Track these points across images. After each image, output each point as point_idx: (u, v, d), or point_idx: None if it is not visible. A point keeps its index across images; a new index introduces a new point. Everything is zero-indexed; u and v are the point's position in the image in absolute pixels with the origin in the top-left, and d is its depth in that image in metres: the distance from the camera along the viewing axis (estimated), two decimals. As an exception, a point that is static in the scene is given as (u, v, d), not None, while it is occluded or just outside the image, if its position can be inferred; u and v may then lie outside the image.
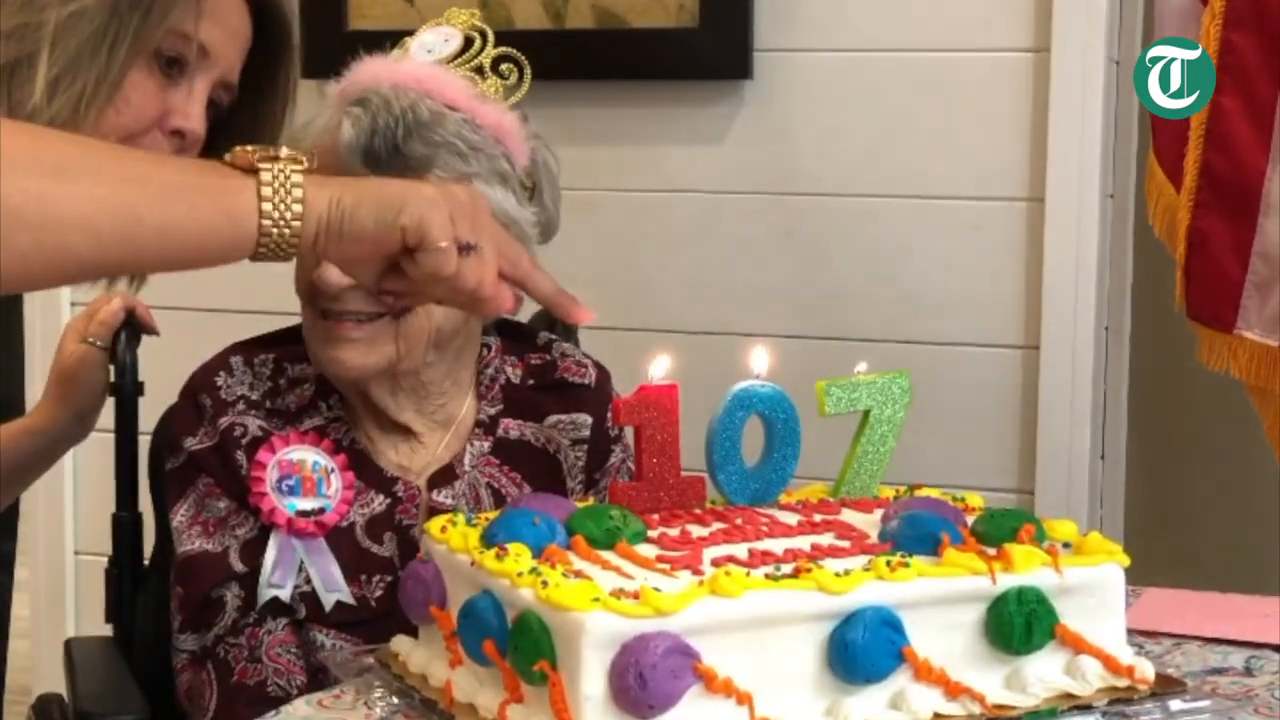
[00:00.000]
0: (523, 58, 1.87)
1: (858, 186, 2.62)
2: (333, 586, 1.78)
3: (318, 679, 1.73)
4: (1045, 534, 1.45)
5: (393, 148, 1.76)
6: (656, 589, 1.28)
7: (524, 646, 1.28)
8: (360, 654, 1.54)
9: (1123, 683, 1.41)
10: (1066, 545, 1.45)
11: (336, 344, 1.79)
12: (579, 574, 1.32)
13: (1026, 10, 2.54)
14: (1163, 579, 2.86)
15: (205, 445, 1.84)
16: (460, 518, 1.48)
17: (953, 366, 2.62)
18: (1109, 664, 1.40)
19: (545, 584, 1.28)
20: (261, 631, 1.76)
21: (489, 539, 1.40)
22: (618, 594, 1.27)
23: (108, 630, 2.09)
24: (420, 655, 1.45)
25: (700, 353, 2.61)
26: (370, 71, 1.83)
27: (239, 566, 1.78)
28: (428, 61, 1.86)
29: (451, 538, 1.44)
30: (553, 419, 1.92)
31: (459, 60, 1.87)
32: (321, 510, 1.80)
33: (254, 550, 1.79)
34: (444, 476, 1.86)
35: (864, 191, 2.62)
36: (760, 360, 1.61)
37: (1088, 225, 2.55)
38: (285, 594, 1.77)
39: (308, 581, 1.78)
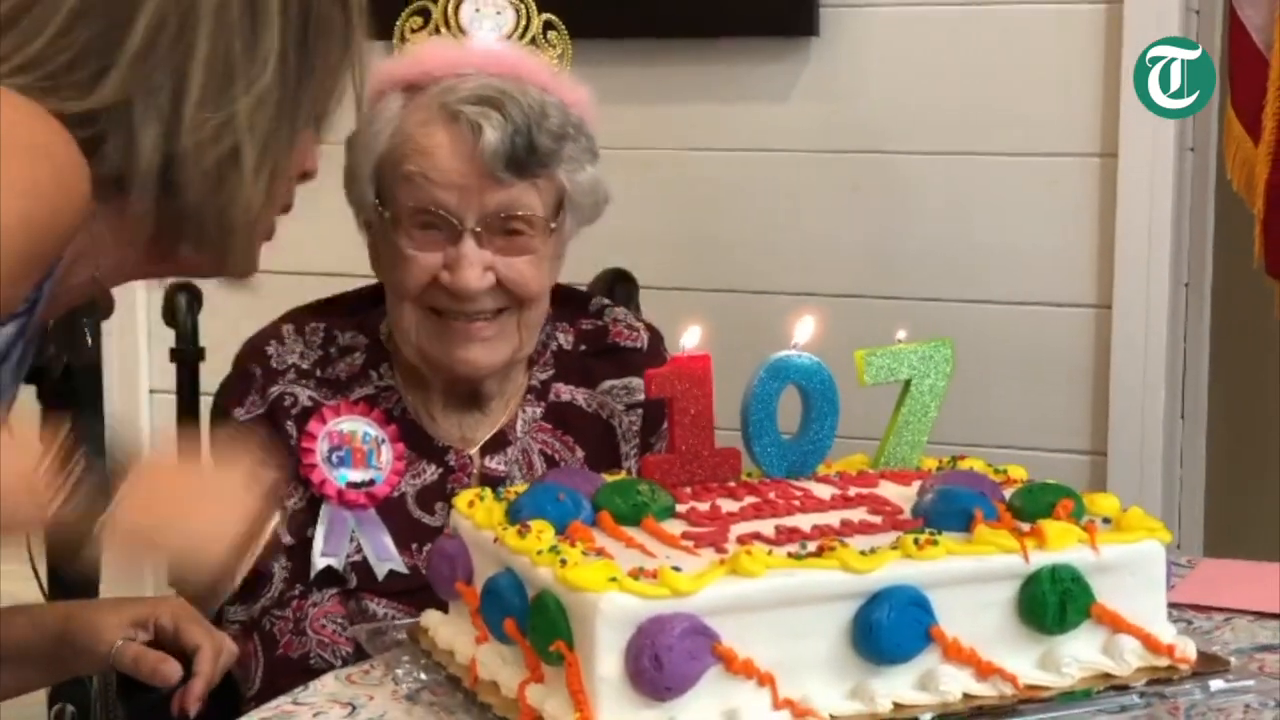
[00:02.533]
0: (560, 22, 1.84)
1: (926, 143, 2.57)
2: (385, 556, 1.78)
3: (364, 651, 1.72)
4: (1084, 509, 1.42)
5: (529, 147, 1.74)
6: (676, 568, 1.26)
7: (541, 627, 1.27)
8: (390, 628, 1.54)
9: (1163, 662, 1.37)
10: (1107, 521, 1.41)
11: (465, 344, 1.78)
12: (600, 552, 1.31)
13: (1099, -40, 2.48)
14: (1247, 538, 2.81)
15: (254, 414, 1.83)
16: (488, 492, 1.47)
17: (1024, 325, 2.57)
18: (1148, 643, 1.36)
19: (564, 563, 1.27)
20: (307, 604, 1.76)
21: (513, 515, 1.39)
22: (636, 574, 1.25)
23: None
24: (447, 631, 1.44)
25: (766, 311, 2.58)
26: (444, 58, 1.79)
27: (286, 539, 1.78)
28: (495, 41, 1.82)
29: (477, 513, 1.43)
30: (606, 384, 1.91)
31: (516, 35, 1.83)
32: (372, 482, 1.79)
33: (302, 522, 1.79)
34: (496, 443, 1.85)
35: (932, 148, 2.57)
36: (804, 330, 1.57)
37: (1162, 181, 2.48)
38: (338, 563, 1.77)
39: (359, 551, 1.78)
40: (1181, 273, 2.58)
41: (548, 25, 1.85)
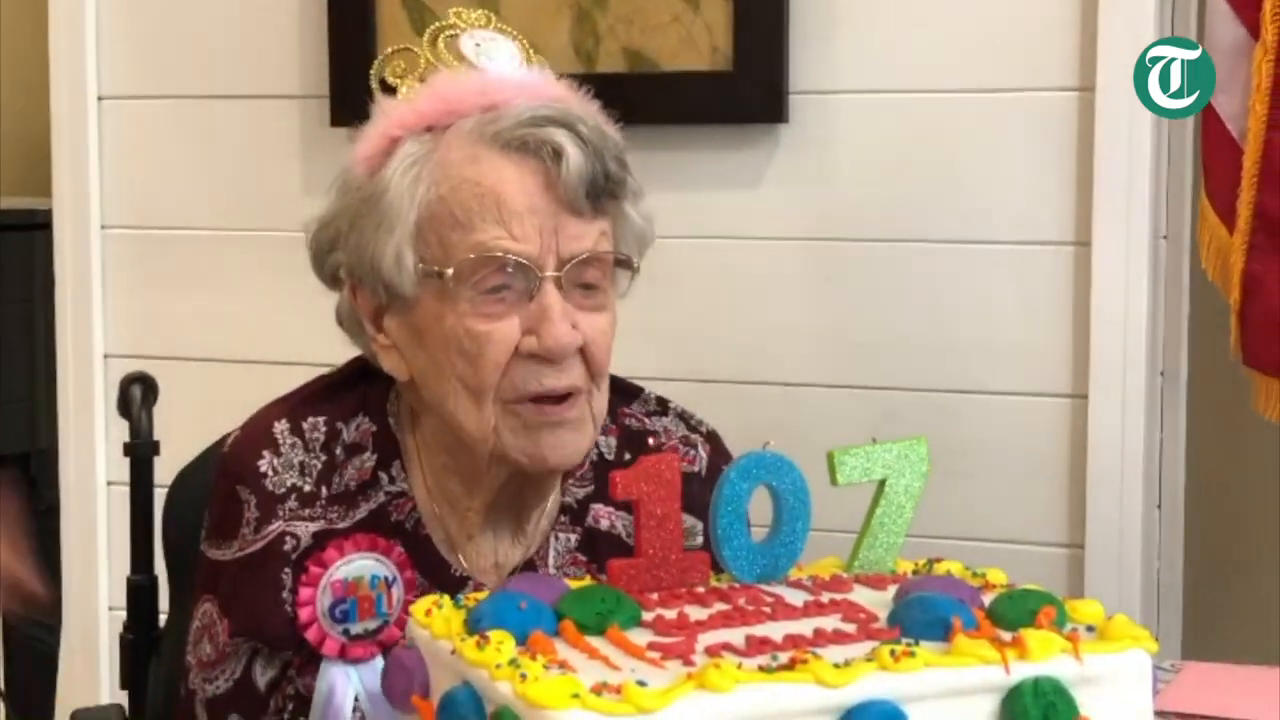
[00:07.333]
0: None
1: (897, 231, 2.54)
2: None
3: None
4: (1067, 617, 1.37)
5: (605, 173, 1.55)
6: (641, 683, 1.20)
7: (500, 745, 1.21)
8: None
9: (1150, 777, 1.32)
10: (1090, 629, 1.36)
11: (555, 431, 1.55)
12: (563, 664, 1.25)
13: (1071, 48, 2.46)
14: (1226, 633, 2.76)
15: (242, 553, 1.60)
16: (447, 600, 1.41)
17: (998, 416, 2.53)
18: (1134, 757, 1.31)
19: (524, 677, 1.21)
20: None
21: (472, 624, 1.33)
22: (599, 689, 1.19)
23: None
24: (404, 747, 1.38)
25: (737, 403, 2.54)
26: (469, 88, 1.56)
27: None
28: (517, 68, 1.62)
29: (435, 623, 1.36)
30: None
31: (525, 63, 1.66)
32: (380, 628, 1.60)
33: (222, 707, 1.62)
34: None
35: (904, 236, 2.54)
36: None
37: (1136, 269, 2.46)
38: None
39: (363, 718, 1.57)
40: (1157, 361, 2.55)
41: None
